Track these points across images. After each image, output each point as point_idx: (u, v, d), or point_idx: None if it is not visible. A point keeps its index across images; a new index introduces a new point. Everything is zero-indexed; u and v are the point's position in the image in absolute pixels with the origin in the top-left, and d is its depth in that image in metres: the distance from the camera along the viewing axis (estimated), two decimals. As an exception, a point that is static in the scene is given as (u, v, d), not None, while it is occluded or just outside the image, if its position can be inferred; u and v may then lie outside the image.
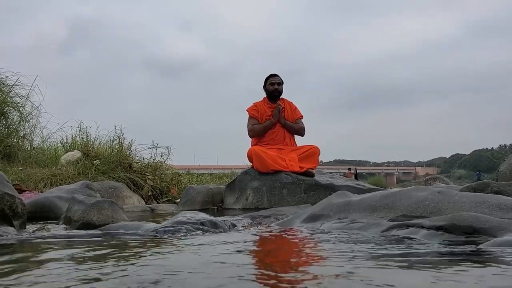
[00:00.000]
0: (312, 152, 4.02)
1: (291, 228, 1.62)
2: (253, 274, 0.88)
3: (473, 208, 1.38)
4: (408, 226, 1.29)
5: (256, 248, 1.30)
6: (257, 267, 0.99)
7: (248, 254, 1.17)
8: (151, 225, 1.90)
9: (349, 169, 24.05)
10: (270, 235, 1.53)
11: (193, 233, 1.67)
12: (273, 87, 4.17)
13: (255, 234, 1.58)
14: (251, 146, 4.14)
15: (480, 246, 1.08)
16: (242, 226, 1.90)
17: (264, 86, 4.26)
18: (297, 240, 1.40)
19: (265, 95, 4.28)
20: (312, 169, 3.89)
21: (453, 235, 1.19)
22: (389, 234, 1.29)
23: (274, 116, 4.09)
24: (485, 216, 1.21)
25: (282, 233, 1.55)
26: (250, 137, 4.22)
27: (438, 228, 1.22)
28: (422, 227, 1.26)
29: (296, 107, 4.30)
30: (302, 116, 4.30)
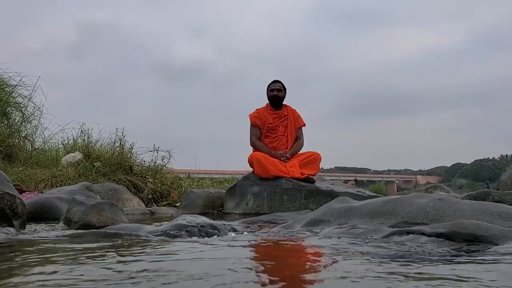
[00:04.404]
0: (313, 159, 4.02)
1: (292, 232, 1.61)
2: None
3: (474, 216, 1.37)
4: (408, 232, 1.29)
5: (257, 255, 1.29)
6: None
7: (248, 260, 1.16)
8: (151, 227, 1.90)
9: (356, 180, 23.75)
10: (271, 240, 1.52)
11: (194, 237, 1.66)
12: (272, 93, 4.17)
13: (255, 239, 1.58)
14: (253, 151, 4.14)
15: (482, 252, 1.07)
16: (242, 230, 1.90)
17: (267, 93, 4.27)
18: (299, 245, 1.39)
19: (268, 102, 4.28)
20: (313, 175, 3.89)
21: (453, 242, 1.19)
22: (390, 240, 1.29)
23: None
24: (487, 224, 1.20)
25: (284, 238, 1.54)
26: (252, 147, 4.22)
27: (439, 235, 1.22)
28: (423, 233, 1.25)
29: (299, 115, 4.29)
30: (304, 124, 4.29)
